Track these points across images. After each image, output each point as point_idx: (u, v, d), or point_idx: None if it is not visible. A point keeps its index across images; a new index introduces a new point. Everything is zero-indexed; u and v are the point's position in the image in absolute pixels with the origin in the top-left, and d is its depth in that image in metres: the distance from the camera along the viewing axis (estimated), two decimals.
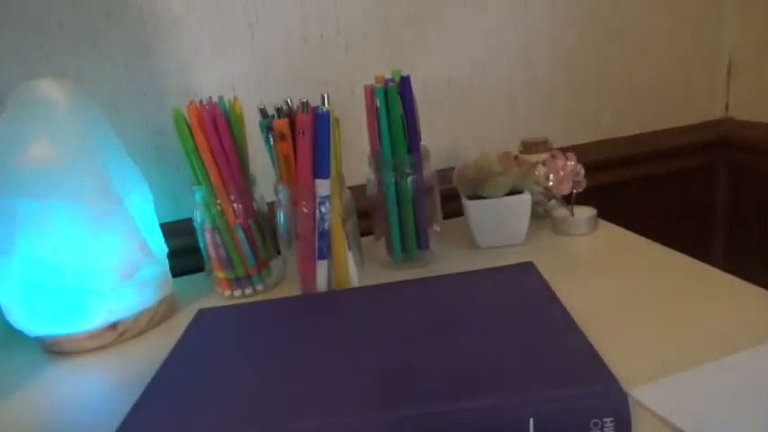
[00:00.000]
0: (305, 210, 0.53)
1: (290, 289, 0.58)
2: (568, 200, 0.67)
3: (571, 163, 0.66)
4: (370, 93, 0.58)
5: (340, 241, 0.54)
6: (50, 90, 0.49)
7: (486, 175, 0.63)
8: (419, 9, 0.74)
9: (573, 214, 0.66)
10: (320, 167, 0.52)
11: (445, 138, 0.80)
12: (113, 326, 0.52)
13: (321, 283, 0.55)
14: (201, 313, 0.50)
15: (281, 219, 0.55)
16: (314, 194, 0.53)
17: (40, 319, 0.50)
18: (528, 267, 0.50)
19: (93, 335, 0.52)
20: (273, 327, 0.46)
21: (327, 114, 0.52)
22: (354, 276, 0.56)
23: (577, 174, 0.66)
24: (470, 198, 0.64)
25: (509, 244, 0.64)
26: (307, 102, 0.53)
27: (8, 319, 0.51)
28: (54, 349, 0.53)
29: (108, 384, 0.47)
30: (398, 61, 0.74)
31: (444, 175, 0.66)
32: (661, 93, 0.88)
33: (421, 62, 0.76)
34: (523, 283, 0.48)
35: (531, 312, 0.43)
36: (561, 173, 0.66)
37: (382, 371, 0.37)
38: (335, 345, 0.42)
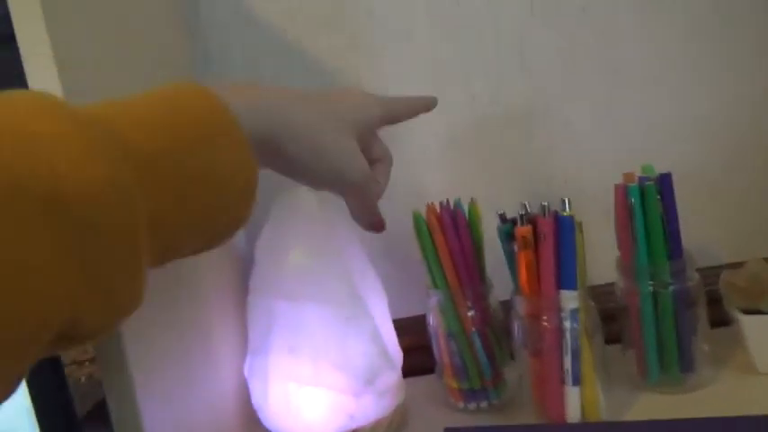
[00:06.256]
0: (546, 324, 0.49)
1: (528, 408, 0.53)
2: None
3: None
4: (623, 192, 0.53)
5: (589, 363, 0.48)
6: (307, 198, 0.53)
7: (764, 286, 0.53)
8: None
9: None
10: (566, 277, 0.48)
11: (702, 234, 0.69)
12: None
13: (573, 413, 0.49)
14: None
15: (518, 332, 0.51)
16: (558, 307, 0.48)
17: (284, 417, 0.52)
18: None
19: None
20: None
21: (570, 219, 0.48)
22: (603, 405, 0.49)
23: None
24: (746, 312, 0.54)
25: None
26: (547, 205, 0.49)
27: (258, 412, 0.54)
28: None
29: None
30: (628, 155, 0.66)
31: (703, 275, 0.56)
32: None
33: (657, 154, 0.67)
34: None
35: None
36: None
37: None
38: None
